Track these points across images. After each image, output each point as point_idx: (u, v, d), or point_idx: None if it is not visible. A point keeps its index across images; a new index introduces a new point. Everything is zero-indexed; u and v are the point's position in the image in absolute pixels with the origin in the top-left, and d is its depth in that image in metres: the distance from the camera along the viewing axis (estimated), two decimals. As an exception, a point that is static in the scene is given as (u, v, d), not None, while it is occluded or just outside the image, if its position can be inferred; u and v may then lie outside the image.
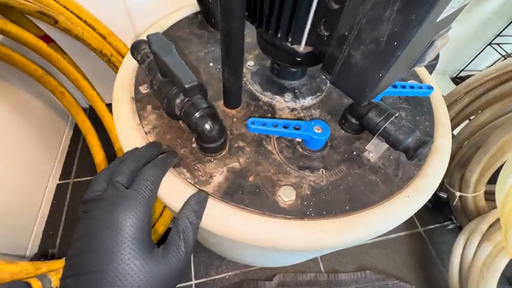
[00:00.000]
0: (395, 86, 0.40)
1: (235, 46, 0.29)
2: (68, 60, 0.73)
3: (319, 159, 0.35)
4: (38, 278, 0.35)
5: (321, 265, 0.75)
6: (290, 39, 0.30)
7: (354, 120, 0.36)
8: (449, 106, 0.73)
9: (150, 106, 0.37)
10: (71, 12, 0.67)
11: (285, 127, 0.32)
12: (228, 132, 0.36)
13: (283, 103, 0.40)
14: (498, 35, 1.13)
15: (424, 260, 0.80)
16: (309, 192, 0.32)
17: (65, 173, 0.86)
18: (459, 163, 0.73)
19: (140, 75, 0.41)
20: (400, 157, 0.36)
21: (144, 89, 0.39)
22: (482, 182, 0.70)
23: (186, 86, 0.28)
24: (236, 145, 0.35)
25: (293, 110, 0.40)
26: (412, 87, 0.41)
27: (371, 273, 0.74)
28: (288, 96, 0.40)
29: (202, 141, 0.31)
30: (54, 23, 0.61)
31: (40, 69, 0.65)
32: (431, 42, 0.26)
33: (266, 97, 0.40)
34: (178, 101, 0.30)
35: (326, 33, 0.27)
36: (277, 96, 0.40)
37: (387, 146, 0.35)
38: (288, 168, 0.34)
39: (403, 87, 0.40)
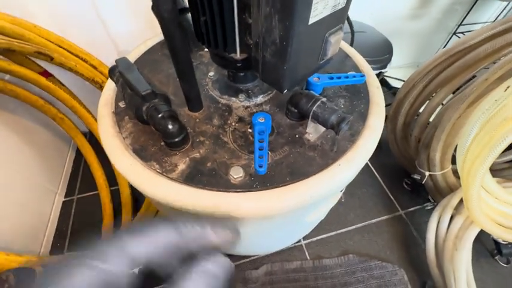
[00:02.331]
0: (331, 78, 0.47)
1: (183, 64, 0.37)
2: (65, 90, 0.83)
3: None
4: (41, 266, 0.43)
5: (306, 253, 0.79)
6: (228, 50, 0.37)
7: (294, 109, 0.43)
8: (408, 92, 0.79)
9: (127, 117, 0.45)
10: (65, 49, 0.78)
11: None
12: (191, 130, 0.43)
13: (238, 103, 0.48)
14: (460, 24, 1.20)
15: (407, 241, 0.83)
16: (253, 171, 0.38)
17: (69, 191, 0.95)
18: (424, 144, 0.78)
19: (119, 92, 0.49)
20: (336, 136, 0.42)
21: (122, 104, 0.47)
22: (447, 159, 0.75)
23: (143, 93, 0.36)
24: (198, 140, 0.42)
25: (247, 107, 0.47)
26: (347, 77, 0.48)
27: (354, 256, 0.78)
28: (242, 96, 0.48)
29: (166, 138, 0.39)
30: (51, 59, 0.71)
31: (41, 99, 0.75)
32: (325, 40, 0.33)
33: (224, 100, 0.48)
34: (144, 108, 0.38)
35: (251, 42, 0.35)
36: (233, 98, 0.48)
37: (323, 127, 0.41)
38: (240, 153, 0.40)
39: (339, 78, 0.48)
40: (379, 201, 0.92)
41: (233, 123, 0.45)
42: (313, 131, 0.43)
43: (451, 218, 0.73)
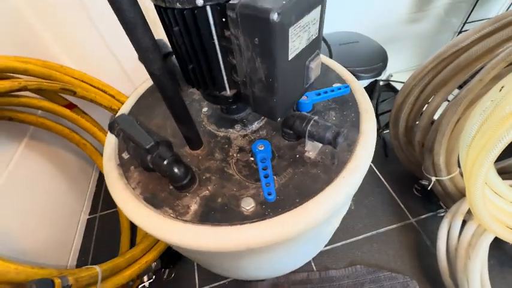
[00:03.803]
0: (319, 94, 0.50)
1: (178, 109, 0.39)
2: (87, 119, 0.94)
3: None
4: (59, 277, 0.48)
5: (313, 264, 0.78)
6: (218, 90, 0.40)
7: (289, 131, 0.45)
8: (406, 97, 0.79)
9: (132, 167, 0.46)
10: (87, 83, 0.90)
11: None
12: (196, 168, 0.44)
13: (236, 133, 0.49)
14: (466, 22, 1.17)
15: (419, 250, 0.79)
16: (261, 199, 0.39)
17: (93, 209, 1.04)
18: (427, 149, 0.77)
19: (120, 145, 0.50)
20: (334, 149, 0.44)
21: (125, 155, 0.48)
22: (452, 163, 0.72)
23: (146, 147, 0.37)
24: (204, 177, 0.43)
25: (244, 136, 0.49)
26: (332, 90, 0.51)
27: (361, 267, 0.76)
28: (238, 126, 0.50)
29: (174, 182, 0.39)
30: (74, 94, 0.82)
31: (66, 129, 0.86)
32: (307, 67, 0.36)
33: (222, 132, 0.49)
34: (148, 157, 0.38)
35: (238, 79, 0.37)
36: (230, 129, 0.49)
37: (317, 144, 0.43)
38: (247, 183, 0.41)
39: (325, 92, 0.50)
40: (388, 209, 0.90)
41: (235, 155, 0.46)
42: (311, 149, 0.45)
43: (464, 224, 0.70)
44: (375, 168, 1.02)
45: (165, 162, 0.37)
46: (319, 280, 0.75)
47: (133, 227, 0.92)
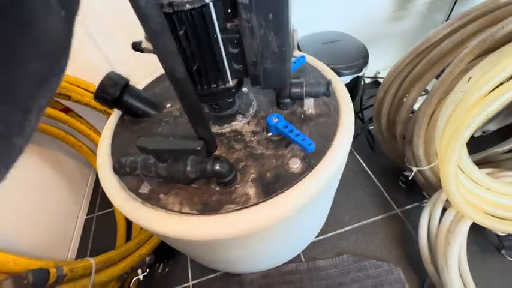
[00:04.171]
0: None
1: (198, 110, 0.39)
2: (83, 122, 0.98)
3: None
4: (53, 267, 0.52)
5: (301, 255, 0.81)
6: (222, 83, 0.43)
7: (286, 100, 0.51)
8: (386, 92, 0.82)
9: (161, 195, 0.43)
10: (82, 88, 0.94)
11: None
12: None
13: (239, 123, 0.52)
14: (449, 17, 1.20)
15: (404, 240, 0.82)
16: (303, 154, 0.46)
17: (90, 209, 1.07)
18: (408, 141, 0.80)
19: (129, 184, 0.46)
20: (324, 99, 0.54)
21: (144, 190, 0.44)
22: (431, 153, 0.75)
23: (198, 148, 0.36)
24: (240, 166, 0.45)
25: (248, 122, 0.52)
26: (295, 62, 0.61)
27: (348, 256, 0.78)
28: (239, 117, 0.53)
29: (223, 178, 0.40)
30: (68, 98, 0.86)
31: (62, 132, 0.90)
32: (292, 35, 0.41)
33: (227, 128, 0.52)
34: (188, 168, 0.38)
35: (239, 67, 0.41)
36: (233, 123, 0.52)
37: (312, 99, 0.52)
38: (280, 152, 0.46)
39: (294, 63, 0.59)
40: (375, 201, 0.92)
41: (252, 139, 0.49)
42: (309, 106, 0.53)
43: (442, 212, 0.72)
44: (362, 162, 1.05)
45: (209, 165, 0.37)
46: (307, 270, 0.77)
47: (128, 225, 0.95)
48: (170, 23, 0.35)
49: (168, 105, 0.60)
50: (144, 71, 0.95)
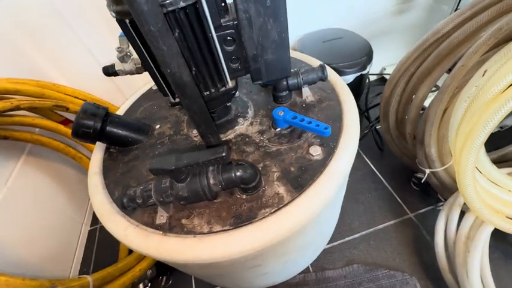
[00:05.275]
0: None
1: (206, 115, 0.38)
2: (83, 133, 0.97)
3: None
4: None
5: (309, 266, 0.77)
6: (220, 86, 0.41)
7: (283, 93, 0.51)
8: (393, 90, 0.77)
9: (183, 220, 0.39)
10: (80, 99, 0.93)
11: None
12: None
13: (243, 126, 0.51)
14: (457, 8, 1.13)
15: (418, 246, 0.77)
16: (319, 139, 0.46)
17: (94, 221, 1.06)
18: (419, 141, 0.75)
19: (140, 218, 0.41)
20: (317, 85, 0.55)
21: (161, 220, 0.40)
22: (445, 153, 0.70)
23: (224, 154, 0.34)
24: (260, 168, 0.43)
25: (251, 124, 0.51)
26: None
27: (359, 266, 0.73)
28: (240, 120, 0.51)
29: (250, 183, 0.37)
30: (66, 110, 0.85)
31: (62, 143, 0.89)
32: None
33: (231, 133, 0.50)
34: (212, 181, 0.36)
35: (236, 65, 0.40)
36: (236, 127, 0.50)
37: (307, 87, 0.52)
38: (295, 144, 0.46)
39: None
40: (385, 205, 0.87)
41: (262, 139, 0.48)
42: (307, 94, 0.54)
43: (462, 216, 0.67)
44: (370, 164, 1.00)
45: (233, 173, 0.35)
46: (315, 281, 0.73)
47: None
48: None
49: (157, 126, 0.56)
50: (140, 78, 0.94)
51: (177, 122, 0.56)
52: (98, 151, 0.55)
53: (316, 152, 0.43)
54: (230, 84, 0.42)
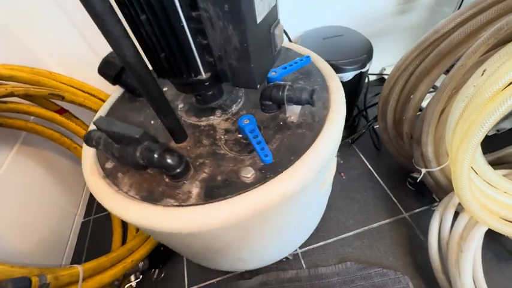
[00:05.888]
0: (285, 68, 0.53)
1: (160, 100, 0.39)
2: (79, 123, 0.96)
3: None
4: (36, 275, 0.49)
5: (303, 262, 0.76)
6: (193, 75, 0.41)
7: (268, 102, 0.48)
8: (392, 89, 0.77)
9: (119, 173, 0.46)
10: (77, 88, 0.92)
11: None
12: (187, 157, 0.44)
13: (217, 119, 0.51)
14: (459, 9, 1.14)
15: (412, 245, 0.77)
16: (262, 164, 0.42)
17: (88, 212, 1.05)
18: (416, 140, 0.75)
19: (100, 157, 0.50)
20: (312, 108, 0.50)
21: (109, 165, 0.47)
22: (441, 153, 0.70)
23: (137, 136, 0.36)
24: (198, 163, 0.44)
25: (227, 119, 0.50)
26: (296, 62, 0.55)
27: (352, 263, 0.73)
28: (218, 112, 0.51)
29: (170, 171, 0.39)
30: (62, 99, 0.84)
31: (56, 133, 0.87)
32: (272, 33, 0.39)
33: (204, 122, 0.51)
34: (138, 154, 0.38)
35: (211, 59, 0.39)
36: (211, 117, 0.51)
37: (299, 106, 0.48)
38: (242, 157, 0.44)
39: (291, 65, 0.54)
40: (380, 204, 0.87)
41: (222, 137, 0.48)
42: (292, 113, 0.48)
43: (454, 217, 0.67)
44: (366, 163, 1.00)
45: (156, 154, 0.37)
46: (308, 277, 0.73)
47: (124, 227, 0.92)
48: (131, 7, 0.33)
49: (165, 89, 0.61)
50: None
51: (178, 94, 0.59)
52: (116, 92, 0.65)
53: (246, 174, 0.40)
54: (204, 76, 0.42)
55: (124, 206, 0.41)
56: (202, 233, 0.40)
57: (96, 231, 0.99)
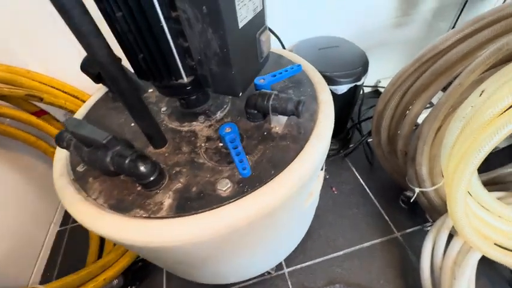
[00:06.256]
0: (274, 75, 0.51)
1: (135, 103, 0.36)
2: (59, 126, 0.90)
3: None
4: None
5: (289, 283, 0.72)
6: (174, 78, 0.38)
7: (253, 111, 0.45)
8: (387, 104, 0.75)
9: (91, 178, 0.43)
10: (58, 89, 0.87)
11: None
12: (163, 165, 0.42)
13: (200, 125, 0.48)
14: (454, 26, 1.13)
15: (404, 268, 0.74)
16: (239, 178, 0.39)
17: (64, 220, 0.98)
18: (410, 158, 0.72)
19: (73, 158, 0.47)
20: (298, 120, 0.46)
21: (80, 168, 0.44)
22: (436, 173, 0.68)
23: (104, 141, 0.34)
24: (174, 171, 0.41)
25: (210, 126, 0.48)
26: (286, 70, 0.52)
27: (341, 286, 0.69)
28: (202, 118, 0.49)
29: (142, 179, 0.36)
30: (40, 100, 0.79)
31: (32, 136, 0.82)
32: (258, 40, 0.37)
33: (186, 127, 0.48)
34: (108, 159, 0.35)
35: (193, 62, 0.37)
36: (194, 123, 0.48)
37: (285, 117, 0.45)
38: (220, 168, 0.41)
39: (280, 73, 0.51)
40: (372, 222, 0.84)
41: (203, 144, 0.45)
42: (277, 123, 0.46)
43: (450, 239, 0.64)
44: (359, 177, 0.97)
45: (128, 160, 0.34)
46: (294, 300, 0.69)
47: (102, 238, 0.86)
48: (106, 3, 0.31)
49: (150, 91, 0.59)
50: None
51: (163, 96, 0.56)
52: (100, 91, 0.62)
53: (223, 187, 0.37)
54: (185, 79, 0.39)
55: (89, 214, 0.38)
56: (172, 248, 0.37)
57: (72, 241, 0.93)
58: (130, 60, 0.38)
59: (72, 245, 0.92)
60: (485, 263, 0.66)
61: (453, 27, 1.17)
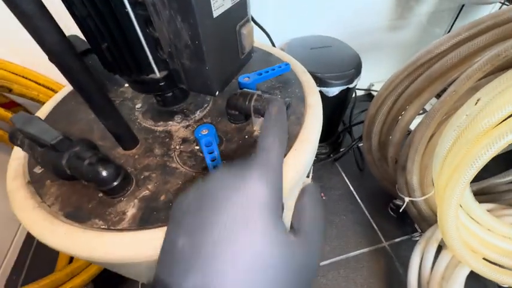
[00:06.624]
0: (260, 74, 0.47)
1: (96, 98, 0.32)
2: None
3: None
4: None
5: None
6: (145, 72, 0.34)
7: (234, 112, 0.41)
8: (379, 109, 0.72)
9: (48, 181, 0.39)
10: (30, 80, 0.80)
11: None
12: (132, 169, 0.38)
13: (176, 125, 0.44)
14: (449, 31, 1.12)
15: (390, 279, 0.72)
16: None
17: (37, 220, 0.94)
18: (400, 166, 0.70)
19: (30, 158, 0.42)
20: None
21: (38, 170, 0.40)
22: (427, 183, 0.66)
23: (52, 143, 0.30)
24: (142, 176, 0.37)
25: (187, 126, 0.44)
26: (273, 69, 0.48)
27: (325, 298, 0.67)
28: (178, 117, 0.45)
29: (102, 186, 0.32)
30: (9, 91, 0.73)
31: (0, 130, 0.77)
32: (238, 32, 0.33)
33: (160, 127, 0.44)
34: (64, 161, 0.32)
35: (165, 56, 0.33)
36: (169, 122, 0.44)
37: None
38: (194, 174, 0.37)
39: (267, 72, 0.47)
40: (360, 230, 0.82)
41: (177, 147, 0.41)
42: (260, 126, 0.42)
43: (436, 253, 0.62)
44: (348, 183, 0.94)
45: (86, 163, 0.30)
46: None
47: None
48: None
49: (126, 85, 0.53)
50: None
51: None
52: (69, 86, 0.53)
53: None
54: (158, 75, 0.35)
55: (39, 223, 0.34)
56: (133, 264, 0.33)
57: (42, 244, 0.87)
58: (94, 49, 0.34)
59: (42, 247, 0.86)
60: (472, 276, 0.64)
61: (448, 32, 1.15)
